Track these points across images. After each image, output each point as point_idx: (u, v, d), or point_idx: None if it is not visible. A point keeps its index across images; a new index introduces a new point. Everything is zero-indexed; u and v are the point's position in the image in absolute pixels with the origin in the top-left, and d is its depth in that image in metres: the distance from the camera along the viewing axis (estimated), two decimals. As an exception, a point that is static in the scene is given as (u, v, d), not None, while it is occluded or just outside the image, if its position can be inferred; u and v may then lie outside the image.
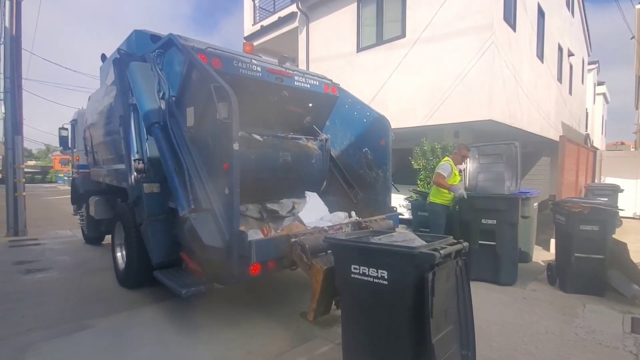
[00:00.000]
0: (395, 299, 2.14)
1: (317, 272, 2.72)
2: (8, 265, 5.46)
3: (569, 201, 4.70)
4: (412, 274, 2.08)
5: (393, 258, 2.16)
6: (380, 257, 2.20)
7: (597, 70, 22.55)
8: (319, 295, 2.70)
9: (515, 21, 7.93)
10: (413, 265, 2.08)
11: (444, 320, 2.22)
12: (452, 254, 2.28)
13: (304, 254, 2.86)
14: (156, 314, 3.73)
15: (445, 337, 2.21)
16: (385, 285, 2.15)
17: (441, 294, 2.16)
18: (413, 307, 2.08)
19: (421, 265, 2.06)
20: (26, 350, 2.95)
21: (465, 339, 2.41)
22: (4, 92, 8.08)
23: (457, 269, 2.38)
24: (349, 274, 2.32)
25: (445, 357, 2.15)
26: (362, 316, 2.32)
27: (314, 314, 2.74)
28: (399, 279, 2.12)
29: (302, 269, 2.94)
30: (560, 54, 11.94)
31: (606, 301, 4.19)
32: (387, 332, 2.19)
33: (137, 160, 3.89)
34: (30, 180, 27.56)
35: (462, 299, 2.42)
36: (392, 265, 2.15)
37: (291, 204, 4.40)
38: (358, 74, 9.06)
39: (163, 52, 3.72)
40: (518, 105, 8.20)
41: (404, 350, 2.14)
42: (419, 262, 2.06)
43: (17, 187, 7.88)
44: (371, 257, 2.24)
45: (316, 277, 2.71)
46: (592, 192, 8.59)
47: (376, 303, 2.22)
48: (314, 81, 4.52)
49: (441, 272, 2.14)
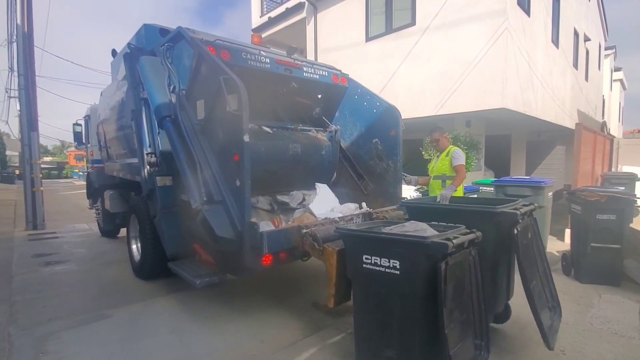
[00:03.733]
0: (408, 288, 2.13)
1: (330, 255, 2.70)
2: (28, 258, 5.63)
3: (585, 190, 4.60)
4: (424, 264, 2.07)
5: (405, 248, 2.15)
6: (392, 247, 2.19)
7: (614, 55, 21.81)
8: (336, 278, 2.66)
9: (529, 5, 7.70)
10: (425, 255, 2.06)
11: (457, 310, 2.21)
12: (465, 243, 2.26)
13: (316, 242, 2.87)
14: (171, 304, 3.81)
15: (459, 327, 2.20)
16: (397, 275, 2.15)
17: (454, 283, 2.15)
18: (425, 297, 2.07)
19: (433, 255, 2.04)
20: (48, 339, 3.06)
21: (478, 329, 2.40)
22: (19, 89, 8.25)
23: (470, 259, 2.37)
24: (361, 264, 2.32)
25: (458, 347, 2.14)
26: (373, 306, 2.33)
27: (334, 300, 2.67)
28: (411, 268, 2.11)
29: (315, 256, 2.94)
30: (576, 39, 11.57)
31: (622, 291, 4.12)
32: (399, 322, 2.19)
33: (150, 153, 3.93)
34: (46, 175, 28.25)
35: (475, 288, 2.41)
36: (403, 255, 2.14)
37: (301, 196, 4.40)
38: (367, 63, 8.95)
39: (172, 45, 3.73)
40: (532, 93, 8.00)
41: (416, 340, 2.14)
42: (431, 251, 2.04)
43: (35, 182, 8.07)
44: (383, 247, 2.24)
45: (330, 260, 2.70)
46: (609, 181, 8.39)
47: (388, 293, 2.22)
48: (323, 72, 4.48)
49: (454, 261, 2.12)
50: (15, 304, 3.80)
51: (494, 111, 7.12)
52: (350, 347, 2.92)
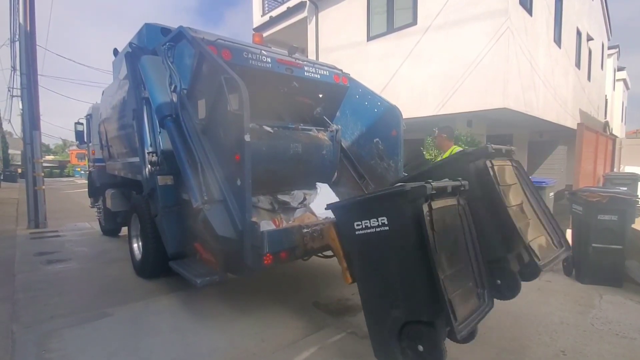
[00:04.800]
0: (399, 240, 2.18)
1: (328, 229, 2.70)
2: (30, 256, 5.66)
3: (587, 190, 4.59)
4: (409, 211, 2.13)
5: (388, 201, 2.21)
6: (377, 205, 2.26)
7: (618, 55, 21.74)
8: (343, 250, 2.62)
9: (531, 5, 7.68)
10: (408, 202, 2.13)
11: (453, 258, 2.27)
12: (448, 188, 2.32)
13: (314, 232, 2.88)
14: (172, 302, 3.82)
15: (457, 274, 2.25)
16: (387, 230, 2.20)
17: (443, 229, 2.22)
18: (417, 244, 2.10)
19: (416, 200, 2.12)
20: (50, 336, 3.07)
21: (479, 279, 2.44)
22: (21, 88, 8.27)
23: (459, 208, 2.43)
24: (354, 232, 2.36)
25: (459, 294, 2.16)
26: (373, 271, 2.34)
27: (349, 274, 2.58)
28: (398, 219, 2.17)
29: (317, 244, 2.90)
30: (579, 38, 11.53)
31: (624, 292, 4.11)
32: (399, 278, 2.21)
33: (151, 153, 3.94)
34: (48, 174, 28.32)
35: (470, 238, 2.46)
36: (389, 208, 2.20)
37: (302, 195, 4.41)
38: (368, 63, 8.94)
39: (174, 44, 3.73)
40: (534, 93, 7.98)
41: (418, 292, 2.15)
42: (413, 197, 2.12)
43: (37, 181, 8.10)
44: (369, 208, 2.29)
45: (330, 235, 2.68)
46: (611, 181, 8.37)
47: (383, 251, 2.25)
48: (324, 71, 4.48)
49: (439, 206, 2.20)
50: (17, 302, 3.82)
51: (495, 111, 7.11)
52: (351, 346, 2.94)
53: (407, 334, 2.16)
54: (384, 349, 2.28)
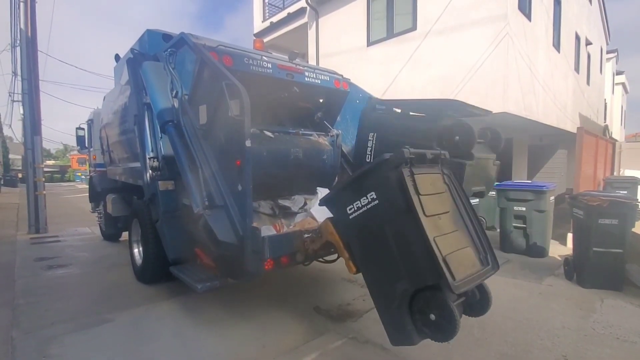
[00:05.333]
0: (390, 210, 2.22)
1: (326, 225, 2.70)
2: (30, 262, 5.66)
3: (587, 194, 4.60)
4: (393, 178, 2.21)
5: (373, 173, 2.29)
6: (364, 182, 2.32)
7: (616, 59, 21.81)
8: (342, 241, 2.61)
9: (530, 10, 7.73)
10: (391, 170, 2.22)
11: (445, 222, 2.30)
12: (428, 155, 2.40)
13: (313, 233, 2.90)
14: (172, 308, 3.82)
15: (452, 237, 2.27)
16: (377, 204, 2.24)
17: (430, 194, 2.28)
18: (405, 208, 2.15)
19: (397, 167, 2.21)
20: (50, 342, 3.07)
21: (479, 244, 2.45)
22: (22, 94, 8.31)
23: (444, 177, 2.50)
24: (348, 217, 2.39)
25: (456, 255, 2.17)
26: (373, 249, 2.35)
27: (352, 264, 2.53)
28: (385, 190, 2.23)
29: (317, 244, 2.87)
30: (578, 42, 11.59)
31: (625, 296, 4.10)
32: (397, 248, 2.21)
33: (152, 158, 3.95)
34: (49, 179, 28.37)
35: (461, 205, 2.51)
36: (374, 182, 2.28)
37: (303, 200, 4.41)
38: (369, 68, 8.98)
39: (175, 51, 3.76)
40: (533, 97, 8.01)
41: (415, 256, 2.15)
42: (394, 163, 2.21)
43: (37, 186, 8.11)
44: (357, 187, 2.35)
45: (329, 230, 2.68)
46: (611, 185, 8.38)
47: (378, 227, 2.27)
48: (325, 76, 4.50)
49: (422, 172, 2.30)
50: (17, 308, 3.81)
51: (495, 115, 7.11)
52: (352, 352, 2.93)
53: (417, 308, 2.14)
54: (398, 332, 2.25)
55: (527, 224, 5.78)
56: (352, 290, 4.29)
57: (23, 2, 7.93)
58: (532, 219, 5.73)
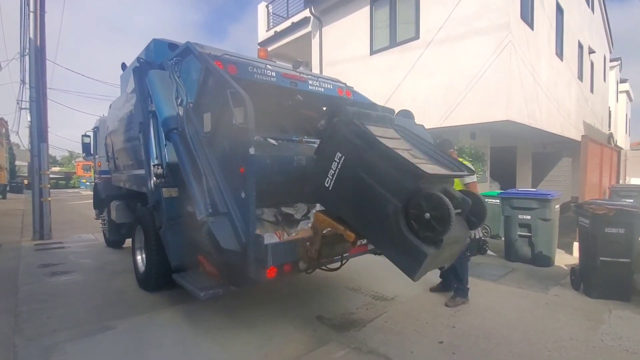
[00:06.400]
0: (357, 153, 2.47)
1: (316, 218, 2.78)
2: (34, 268, 5.67)
3: (593, 203, 4.55)
4: (349, 131, 2.54)
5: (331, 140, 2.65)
6: (326, 150, 2.67)
7: (620, 67, 21.81)
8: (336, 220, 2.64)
9: (532, 19, 7.77)
10: (344, 126, 2.58)
11: (407, 154, 2.54)
12: (372, 115, 2.79)
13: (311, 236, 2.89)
14: (175, 315, 3.80)
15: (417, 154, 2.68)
16: (345, 158, 2.51)
17: (384, 136, 2.58)
18: (367, 144, 2.47)
19: (351, 121, 2.58)
20: (52, 350, 3.05)
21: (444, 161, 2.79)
22: (30, 101, 8.43)
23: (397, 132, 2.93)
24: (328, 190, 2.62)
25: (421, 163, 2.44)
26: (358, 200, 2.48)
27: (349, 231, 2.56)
28: (346, 142, 2.55)
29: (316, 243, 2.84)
30: (581, 51, 11.61)
31: (633, 306, 4.03)
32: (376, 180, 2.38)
33: (157, 165, 3.97)
34: (54, 185, 28.50)
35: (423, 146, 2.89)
36: (336, 144, 2.58)
37: (306, 208, 4.40)
38: (372, 76, 9.04)
39: (181, 59, 3.80)
40: (537, 105, 8.00)
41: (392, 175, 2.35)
42: (346, 119, 2.59)
43: (43, 193, 8.16)
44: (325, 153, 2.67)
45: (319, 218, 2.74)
46: (617, 194, 8.29)
47: (353, 174, 2.47)
48: (328, 85, 4.53)
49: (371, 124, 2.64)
50: (20, 314, 3.81)
51: (498, 123, 7.13)
52: (355, 362, 2.88)
53: (413, 218, 2.23)
54: (411, 256, 2.25)
55: (532, 233, 5.73)
56: (355, 299, 4.25)
57: (33, 13, 8.09)
58: (537, 227, 5.67)
